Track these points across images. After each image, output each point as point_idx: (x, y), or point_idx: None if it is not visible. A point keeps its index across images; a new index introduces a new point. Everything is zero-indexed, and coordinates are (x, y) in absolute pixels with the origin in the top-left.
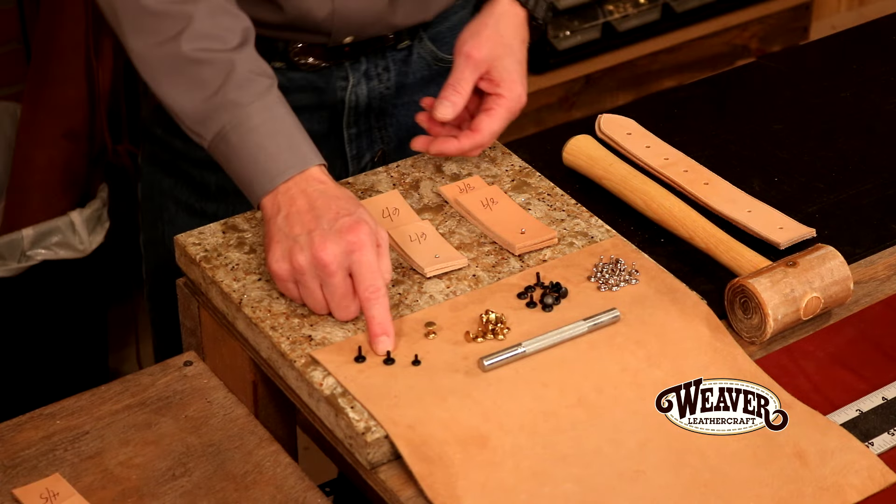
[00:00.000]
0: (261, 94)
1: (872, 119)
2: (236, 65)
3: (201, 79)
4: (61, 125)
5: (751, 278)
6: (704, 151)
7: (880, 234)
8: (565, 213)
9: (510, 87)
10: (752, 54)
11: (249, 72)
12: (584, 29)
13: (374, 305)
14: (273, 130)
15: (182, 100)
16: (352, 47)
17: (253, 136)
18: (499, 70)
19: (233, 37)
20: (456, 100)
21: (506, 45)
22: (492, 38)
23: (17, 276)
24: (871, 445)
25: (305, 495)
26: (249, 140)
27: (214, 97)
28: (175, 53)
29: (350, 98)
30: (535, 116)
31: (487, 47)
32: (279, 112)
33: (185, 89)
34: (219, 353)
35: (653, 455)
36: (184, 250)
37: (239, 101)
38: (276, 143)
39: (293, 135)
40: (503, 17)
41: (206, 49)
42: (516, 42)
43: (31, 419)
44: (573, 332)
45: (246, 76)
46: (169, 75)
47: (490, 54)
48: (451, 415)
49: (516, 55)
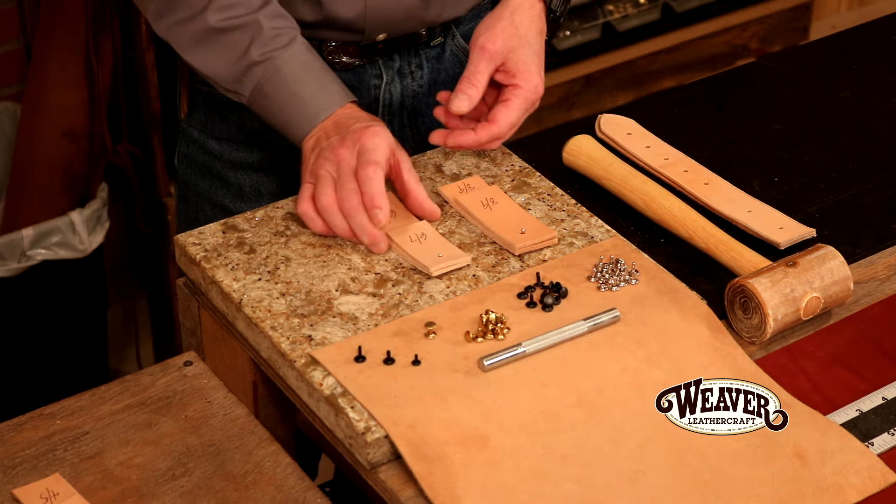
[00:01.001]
0: (287, 45)
1: (872, 119)
2: (261, 23)
3: (231, 43)
4: (61, 125)
5: (751, 278)
6: (704, 151)
7: (880, 234)
8: (565, 213)
9: (526, 77)
10: (752, 54)
11: (273, 28)
12: (584, 29)
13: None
14: (302, 78)
15: (216, 65)
16: (385, 45)
17: (286, 85)
18: (514, 61)
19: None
20: (472, 92)
21: (521, 36)
22: (506, 30)
23: (17, 276)
24: (871, 445)
25: (305, 495)
26: (283, 89)
27: (245, 57)
28: (203, 27)
29: (384, 96)
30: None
31: (502, 39)
32: (306, 59)
33: (217, 56)
34: (219, 353)
35: (653, 455)
36: (184, 250)
37: (268, 56)
38: (308, 88)
39: (321, 77)
40: (519, 8)
41: (231, 17)
42: (532, 33)
43: (31, 419)
44: (573, 332)
45: (270, 33)
46: (200, 46)
47: (505, 46)
48: (451, 415)
49: (532, 46)
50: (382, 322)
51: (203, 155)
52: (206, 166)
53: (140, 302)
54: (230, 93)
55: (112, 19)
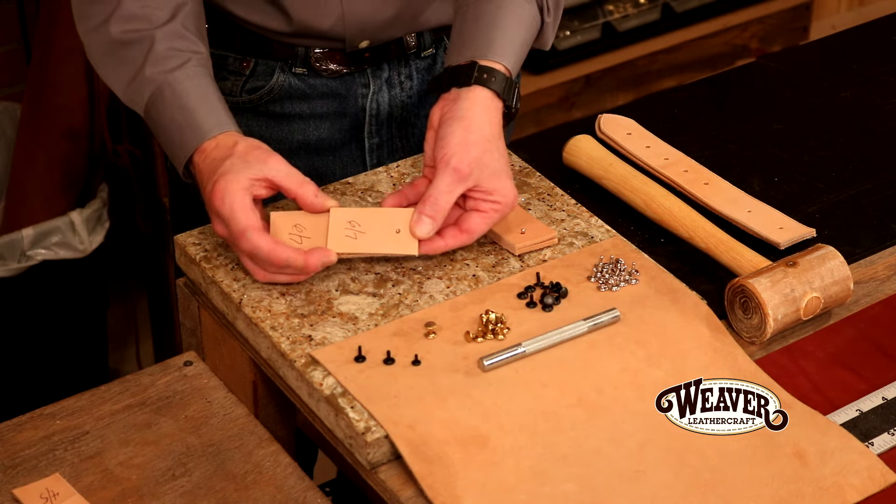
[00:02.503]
0: (177, 67)
1: (872, 119)
2: (156, 42)
3: (128, 58)
4: (61, 125)
5: (751, 278)
6: (704, 151)
7: (880, 234)
8: (565, 213)
9: (504, 193)
10: (752, 54)
11: (168, 49)
12: (584, 29)
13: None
14: (187, 102)
15: (115, 80)
16: (372, 53)
17: (167, 111)
18: (488, 181)
19: (160, 14)
20: (437, 217)
21: (489, 149)
22: (478, 145)
23: (17, 276)
24: (871, 445)
25: (305, 495)
26: (165, 115)
27: (138, 74)
28: (106, 37)
29: (371, 105)
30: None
31: (474, 157)
32: (193, 84)
33: (116, 70)
34: (219, 353)
35: (653, 455)
36: (184, 250)
37: (154, 77)
38: (191, 113)
39: (207, 102)
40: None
41: (132, 30)
42: (495, 135)
43: (31, 419)
44: (573, 332)
45: (164, 53)
46: (104, 57)
47: (478, 165)
48: (451, 415)
49: (500, 150)
50: (382, 322)
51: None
52: None
53: (140, 302)
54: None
55: None
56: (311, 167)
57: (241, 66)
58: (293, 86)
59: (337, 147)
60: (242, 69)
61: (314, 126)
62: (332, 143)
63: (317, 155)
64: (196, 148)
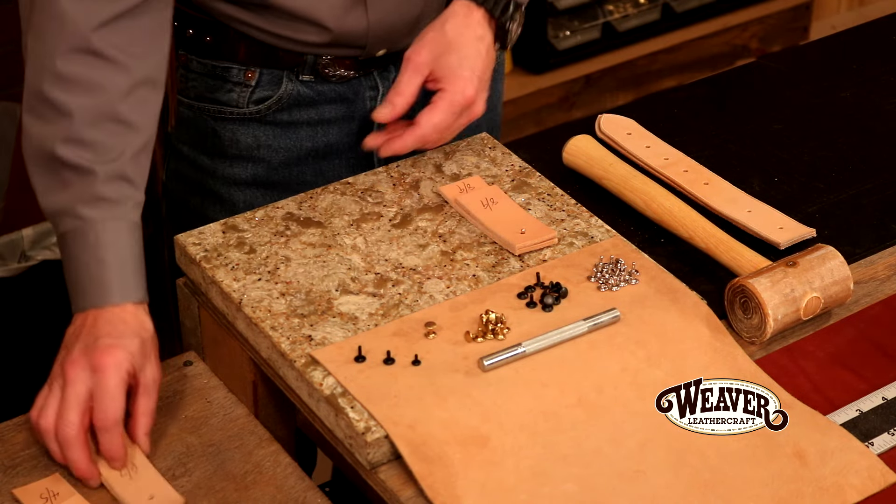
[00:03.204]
0: (104, 219)
1: (872, 119)
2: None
3: (64, 180)
4: None
5: (751, 278)
6: (704, 151)
7: (880, 234)
8: (565, 213)
9: (451, 81)
10: (752, 54)
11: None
12: (584, 29)
13: (103, 435)
14: (96, 258)
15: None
16: (381, 58)
17: (81, 254)
18: (441, 69)
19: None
20: (396, 101)
21: (448, 43)
22: (434, 41)
23: (17, 276)
24: (871, 445)
25: (305, 495)
26: (80, 255)
27: (69, 203)
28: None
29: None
30: (535, 116)
31: (427, 49)
32: (110, 239)
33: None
34: (219, 353)
35: (653, 455)
36: (184, 250)
37: (82, 214)
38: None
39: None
40: (452, 17)
41: (79, 156)
42: (464, 39)
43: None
44: (573, 332)
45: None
46: (38, 162)
47: (430, 55)
48: (451, 415)
49: (462, 50)
50: (382, 322)
51: (194, 171)
52: (198, 182)
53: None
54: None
55: None
56: (319, 172)
57: (246, 77)
58: (301, 93)
59: (344, 151)
60: (247, 80)
61: (322, 132)
62: (340, 147)
63: (325, 160)
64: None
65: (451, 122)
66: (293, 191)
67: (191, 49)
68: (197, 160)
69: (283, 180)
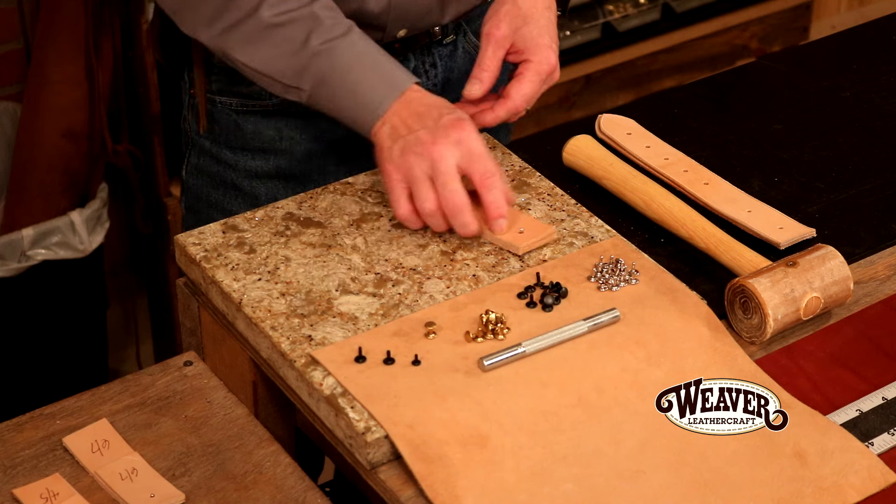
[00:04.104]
0: (344, 33)
1: (872, 119)
2: (318, 15)
3: (288, 38)
4: (61, 125)
5: (751, 278)
6: (704, 151)
7: (880, 234)
8: (565, 213)
9: (534, 50)
10: (752, 54)
11: (329, 18)
12: (584, 29)
13: (490, 190)
14: (364, 65)
15: (274, 62)
16: (401, 44)
17: (350, 75)
18: (522, 40)
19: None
20: (483, 76)
21: (524, 15)
22: (510, 13)
23: (17, 276)
24: (871, 445)
25: (305, 495)
26: (346, 78)
27: (304, 49)
28: (258, 25)
29: None
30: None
31: (506, 22)
32: (365, 46)
33: (275, 52)
34: (219, 353)
35: (653, 455)
36: (184, 250)
37: (328, 46)
38: (371, 75)
39: (383, 64)
40: None
41: (286, 11)
42: (537, 9)
43: (31, 419)
44: (573, 332)
45: (328, 23)
46: (256, 45)
47: (509, 28)
48: (451, 415)
49: (538, 21)
50: (382, 322)
51: (216, 165)
52: (220, 176)
53: (140, 302)
54: (290, 89)
55: (112, 19)
56: (341, 162)
57: None
58: None
59: (366, 142)
60: None
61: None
62: (362, 138)
63: (347, 151)
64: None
65: (538, 90)
66: (315, 182)
67: None
68: (219, 154)
69: (306, 172)
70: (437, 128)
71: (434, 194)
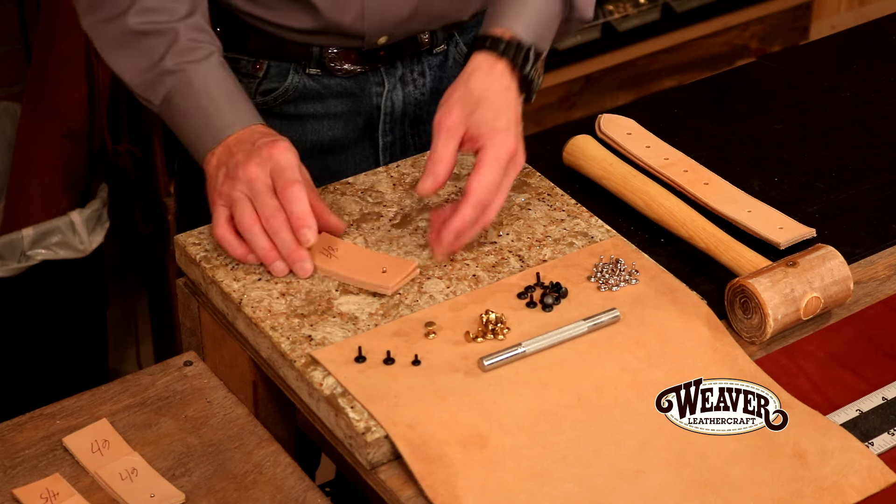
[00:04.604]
0: (202, 59)
1: (872, 119)
2: (179, 33)
3: (147, 49)
4: (61, 125)
5: (751, 278)
6: (704, 151)
7: (880, 234)
8: (565, 213)
9: (489, 136)
10: (752, 54)
11: (190, 40)
12: (584, 29)
13: (290, 203)
14: (212, 93)
15: (131, 69)
16: (387, 51)
17: (195, 98)
18: (477, 125)
19: (180, 7)
20: (436, 170)
21: (476, 98)
22: (461, 99)
23: (17, 276)
24: (871, 445)
25: (305, 495)
26: (192, 101)
27: (159, 64)
28: (124, 28)
29: (386, 104)
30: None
31: (457, 108)
32: (219, 75)
33: (133, 59)
34: (219, 353)
35: (653, 455)
36: (184, 250)
37: (181, 67)
38: (216, 104)
39: (231, 95)
40: (475, 72)
41: (152, 21)
42: (492, 91)
43: (31, 419)
44: (573, 332)
45: (187, 44)
46: (119, 48)
47: (461, 114)
48: (451, 415)
49: (493, 102)
50: (382, 322)
51: None
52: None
53: (140, 302)
54: (143, 100)
55: None
56: (325, 166)
57: (254, 69)
58: (307, 86)
59: (350, 146)
60: (255, 71)
61: (328, 126)
62: (346, 141)
63: (330, 154)
64: (241, 127)
65: (500, 178)
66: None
67: None
68: None
69: None
70: (252, 149)
71: (251, 210)
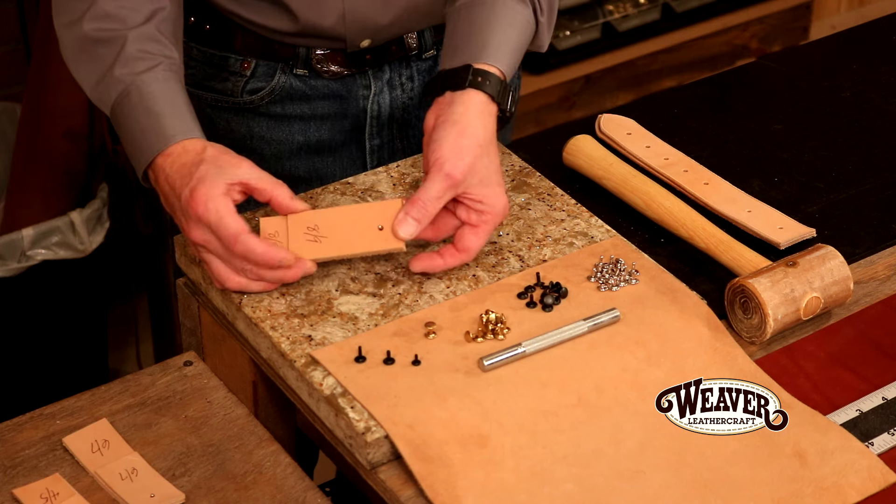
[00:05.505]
0: (147, 70)
1: (872, 119)
2: (127, 43)
3: (98, 56)
4: (61, 125)
5: (751, 278)
6: (704, 151)
7: (880, 234)
8: (565, 213)
9: (493, 202)
10: (752, 54)
11: (138, 50)
12: (584, 29)
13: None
14: (148, 110)
15: (85, 77)
16: (373, 54)
17: (133, 112)
18: (477, 188)
19: (135, 16)
20: (421, 217)
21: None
22: (471, 150)
23: (17, 276)
24: (871, 445)
25: (305, 495)
26: (130, 116)
27: (107, 74)
28: (79, 33)
29: (372, 107)
30: (535, 116)
31: (467, 163)
32: (163, 87)
33: (86, 67)
34: (219, 353)
35: (653, 455)
36: (184, 250)
37: (122, 77)
38: (148, 122)
39: (166, 112)
40: (477, 116)
41: (104, 29)
42: (492, 145)
43: (31, 419)
44: (573, 332)
45: (134, 54)
46: (76, 54)
47: (469, 171)
48: (451, 415)
49: (492, 157)
50: (382, 322)
51: None
52: None
53: (140, 302)
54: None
55: None
56: (312, 168)
57: (242, 67)
58: (294, 87)
59: (337, 148)
60: (243, 70)
61: (315, 127)
62: (333, 144)
63: (317, 156)
64: (160, 152)
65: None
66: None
67: (192, 37)
68: None
69: (275, 174)
70: (182, 209)
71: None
